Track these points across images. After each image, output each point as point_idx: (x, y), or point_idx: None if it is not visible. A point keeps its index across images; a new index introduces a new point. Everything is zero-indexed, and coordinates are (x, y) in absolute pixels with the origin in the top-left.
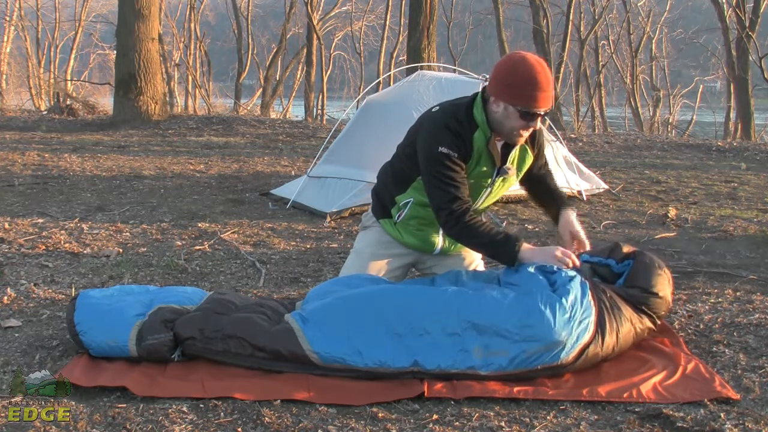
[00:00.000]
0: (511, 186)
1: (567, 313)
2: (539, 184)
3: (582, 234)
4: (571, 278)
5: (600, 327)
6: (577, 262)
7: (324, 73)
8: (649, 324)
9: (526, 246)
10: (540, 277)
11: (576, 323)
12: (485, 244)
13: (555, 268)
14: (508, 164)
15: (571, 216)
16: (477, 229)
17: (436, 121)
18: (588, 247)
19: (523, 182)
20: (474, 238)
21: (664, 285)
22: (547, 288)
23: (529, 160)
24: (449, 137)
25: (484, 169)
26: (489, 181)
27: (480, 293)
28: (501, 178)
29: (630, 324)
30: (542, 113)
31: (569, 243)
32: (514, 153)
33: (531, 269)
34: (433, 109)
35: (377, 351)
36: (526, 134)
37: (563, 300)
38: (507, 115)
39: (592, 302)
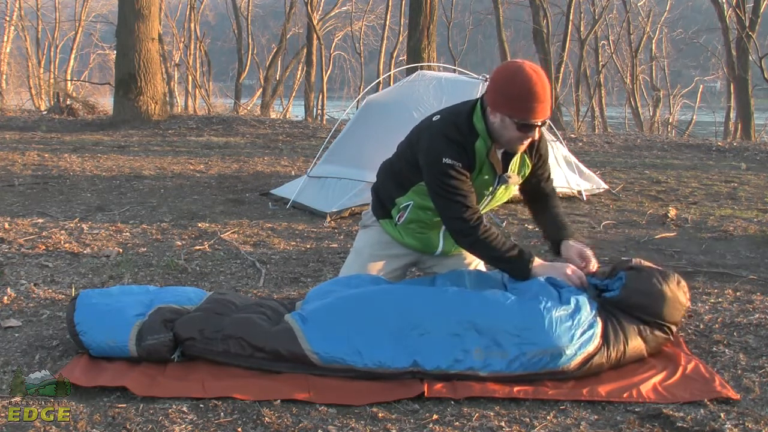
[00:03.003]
0: (512, 193)
1: (570, 321)
2: (542, 205)
3: (589, 252)
4: (579, 292)
5: (605, 339)
6: (586, 284)
7: (324, 73)
8: (662, 334)
9: (537, 261)
10: (548, 286)
11: (579, 332)
12: (498, 258)
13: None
14: (509, 172)
15: (576, 242)
16: (490, 242)
17: (437, 131)
18: (596, 267)
19: (525, 195)
20: (487, 251)
21: (666, 289)
22: (553, 296)
23: (527, 169)
24: (451, 147)
25: (486, 177)
26: (490, 189)
27: (481, 294)
28: (503, 186)
29: (641, 339)
30: (540, 124)
31: (578, 263)
32: (515, 160)
33: (541, 279)
34: (434, 118)
35: (377, 351)
36: (525, 143)
37: (566, 307)
38: (505, 126)
39: (599, 318)
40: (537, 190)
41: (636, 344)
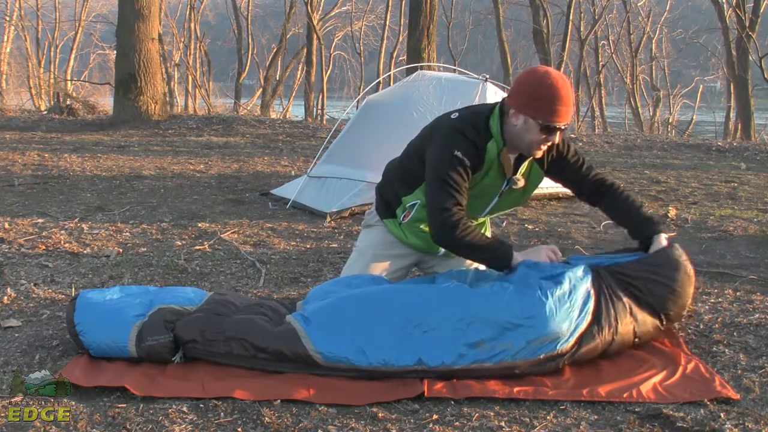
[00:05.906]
0: (520, 198)
1: (567, 302)
2: (610, 202)
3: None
4: (570, 268)
5: (597, 316)
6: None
7: (324, 73)
8: (652, 319)
9: (516, 252)
10: (538, 274)
11: (576, 312)
12: (477, 248)
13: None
14: (517, 175)
15: (663, 240)
16: (468, 234)
17: (454, 127)
18: None
19: (585, 198)
20: (466, 243)
21: (684, 281)
22: (546, 279)
23: (540, 177)
24: (465, 144)
25: (493, 179)
26: (498, 191)
27: (481, 288)
28: (509, 188)
29: (630, 317)
30: (562, 127)
31: None
32: (526, 165)
33: (528, 268)
34: (452, 116)
35: (381, 350)
36: (545, 147)
37: (562, 287)
38: (527, 128)
39: (592, 291)
40: (587, 185)
41: (626, 322)
